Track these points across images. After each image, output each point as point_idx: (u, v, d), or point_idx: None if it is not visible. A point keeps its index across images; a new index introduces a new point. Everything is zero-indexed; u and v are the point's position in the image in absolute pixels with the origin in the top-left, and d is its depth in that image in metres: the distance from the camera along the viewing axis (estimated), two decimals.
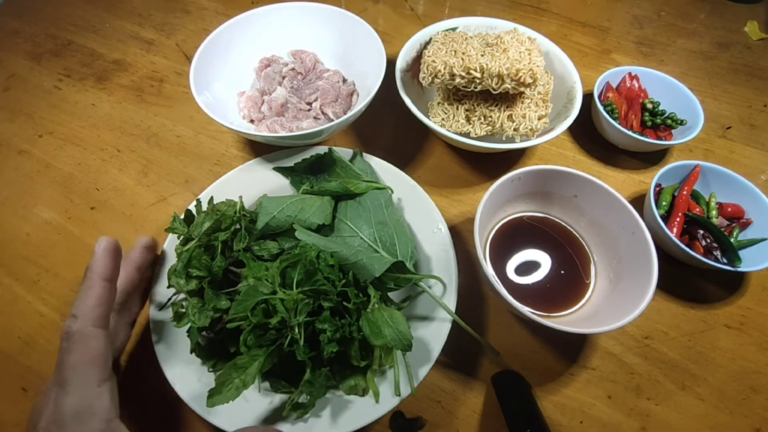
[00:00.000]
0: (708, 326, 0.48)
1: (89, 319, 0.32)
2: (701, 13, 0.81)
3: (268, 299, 0.35)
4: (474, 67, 0.49)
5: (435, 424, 0.42)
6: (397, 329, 0.36)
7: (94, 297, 0.32)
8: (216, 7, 0.80)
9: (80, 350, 0.31)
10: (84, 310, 0.32)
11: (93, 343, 0.31)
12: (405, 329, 0.36)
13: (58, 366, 0.31)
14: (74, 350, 0.31)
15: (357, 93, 0.62)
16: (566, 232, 0.50)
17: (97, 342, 0.32)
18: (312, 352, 0.36)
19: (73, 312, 0.32)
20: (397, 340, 0.36)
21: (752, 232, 0.50)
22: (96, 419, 0.29)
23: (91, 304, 0.32)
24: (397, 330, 0.36)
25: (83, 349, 0.31)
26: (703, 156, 0.61)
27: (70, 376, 0.30)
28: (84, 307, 0.32)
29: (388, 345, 0.36)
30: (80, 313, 0.32)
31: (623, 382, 0.45)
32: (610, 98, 0.61)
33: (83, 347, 0.31)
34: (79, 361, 0.31)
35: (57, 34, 0.75)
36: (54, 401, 0.30)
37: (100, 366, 0.31)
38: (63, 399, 0.29)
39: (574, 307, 0.45)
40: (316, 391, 0.35)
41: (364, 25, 0.59)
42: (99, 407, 0.30)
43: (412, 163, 0.59)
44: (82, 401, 0.30)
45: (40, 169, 0.59)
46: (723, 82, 0.69)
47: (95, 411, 0.30)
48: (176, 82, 0.68)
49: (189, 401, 0.37)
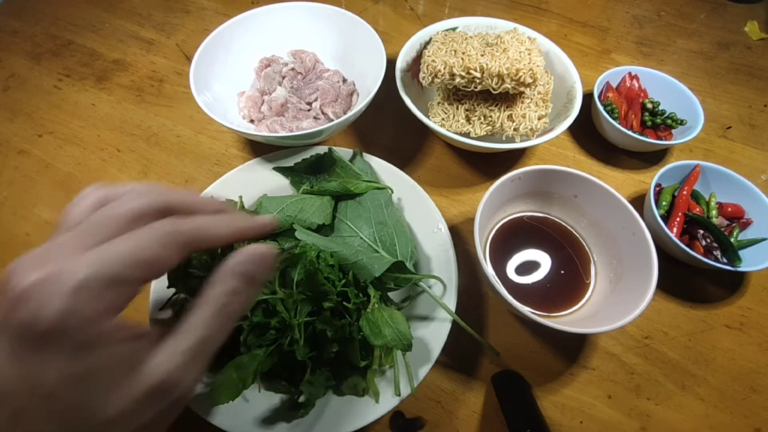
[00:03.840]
0: (708, 326, 0.48)
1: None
2: (701, 13, 0.81)
3: (269, 299, 0.35)
4: (474, 67, 0.49)
5: (435, 424, 0.42)
6: (396, 329, 0.36)
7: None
8: (216, 7, 0.80)
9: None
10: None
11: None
12: (405, 329, 0.36)
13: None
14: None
15: (357, 93, 0.62)
16: (566, 232, 0.50)
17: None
18: (312, 352, 0.36)
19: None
20: (397, 340, 0.36)
21: (752, 232, 0.50)
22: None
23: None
24: (397, 330, 0.36)
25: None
26: (703, 156, 0.61)
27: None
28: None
29: (388, 345, 0.36)
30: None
31: (623, 382, 0.45)
32: (610, 98, 0.61)
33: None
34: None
35: (57, 34, 0.75)
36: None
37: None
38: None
39: (574, 307, 0.45)
40: (316, 391, 0.35)
41: (364, 25, 0.59)
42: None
43: (412, 163, 0.59)
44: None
45: (40, 169, 0.59)
46: (723, 82, 0.69)
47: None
48: (176, 82, 0.68)
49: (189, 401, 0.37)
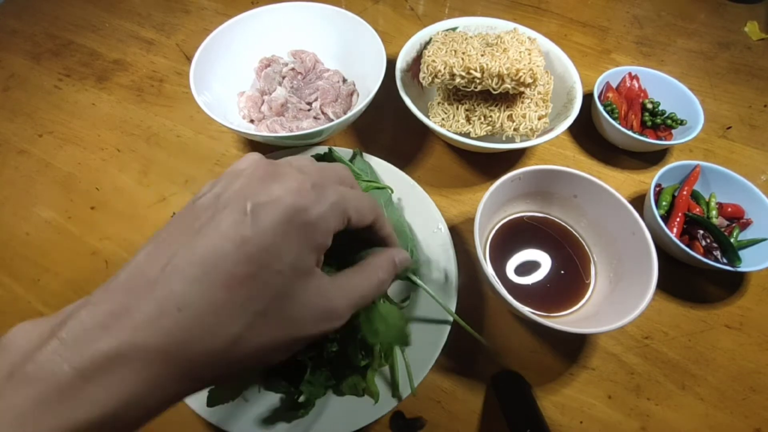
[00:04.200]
0: (708, 326, 0.48)
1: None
2: (701, 13, 0.81)
3: None
4: (474, 67, 0.49)
5: (435, 424, 0.42)
6: (393, 325, 0.36)
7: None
8: (216, 7, 0.80)
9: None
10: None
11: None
12: (402, 324, 0.36)
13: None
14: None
15: (357, 93, 0.62)
16: (566, 232, 0.50)
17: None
18: (312, 352, 0.36)
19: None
20: (394, 337, 0.36)
21: (752, 232, 0.50)
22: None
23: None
24: (393, 326, 0.36)
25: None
26: (703, 156, 0.61)
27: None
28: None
29: (385, 341, 0.35)
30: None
31: (623, 382, 0.45)
32: (610, 98, 0.61)
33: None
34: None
35: (57, 33, 0.75)
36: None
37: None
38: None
39: (574, 307, 0.45)
40: (316, 391, 0.35)
41: (364, 25, 0.59)
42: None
43: (412, 163, 0.59)
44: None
45: (40, 169, 0.59)
46: (723, 82, 0.69)
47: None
48: (176, 82, 0.68)
49: (189, 401, 0.37)
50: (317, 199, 0.22)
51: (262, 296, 0.20)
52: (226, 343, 0.19)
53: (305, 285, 0.22)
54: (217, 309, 0.19)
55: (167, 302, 0.18)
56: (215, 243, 0.19)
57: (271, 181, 0.22)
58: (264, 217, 0.20)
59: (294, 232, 0.21)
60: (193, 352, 0.18)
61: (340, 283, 0.24)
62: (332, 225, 0.23)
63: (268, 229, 0.20)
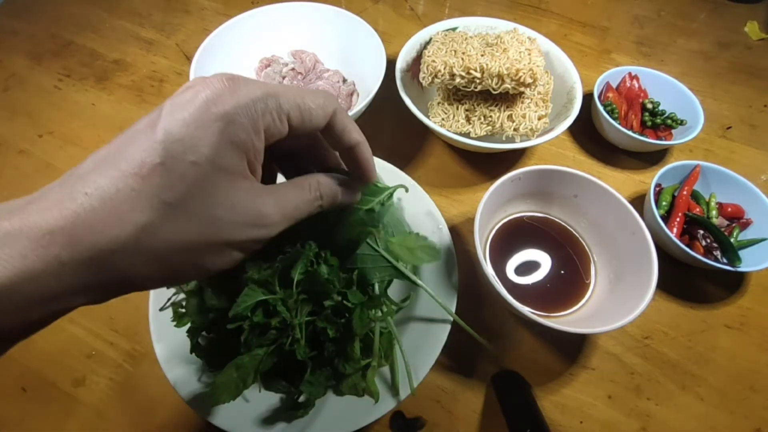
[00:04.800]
0: (708, 326, 0.48)
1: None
2: (701, 13, 0.81)
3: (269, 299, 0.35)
4: (474, 67, 0.49)
5: (435, 424, 0.42)
6: (416, 247, 0.38)
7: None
8: (216, 7, 0.80)
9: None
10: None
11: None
12: (424, 243, 0.38)
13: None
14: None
15: (357, 93, 0.62)
16: (566, 232, 0.50)
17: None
18: (313, 352, 0.36)
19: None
20: (423, 256, 0.37)
21: (752, 232, 0.50)
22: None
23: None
24: (417, 248, 0.38)
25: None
26: (703, 156, 0.61)
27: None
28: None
29: (419, 262, 0.37)
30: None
31: (623, 382, 0.45)
32: (610, 98, 0.61)
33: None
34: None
35: (57, 34, 0.75)
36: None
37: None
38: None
39: (574, 307, 0.45)
40: (316, 391, 0.35)
41: (364, 25, 0.59)
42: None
43: (412, 163, 0.59)
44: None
45: (40, 169, 0.59)
46: (723, 82, 0.69)
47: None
48: (176, 82, 0.68)
49: (189, 401, 0.37)
50: (234, 91, 0.21)
51: (174, 187, 0.20)
52: (137, 231, 0.19)
53: (231, 185, 0.21)
54: (126, 195, 0.19)
55: (76, 188, 0.19)
56: (129, 137, 0.20)
57: (193, 85, 0.21)
58: (178, 110, 0.20)
59: (208, 123, 0.20)
60: (99, 236, 0.18)
61: (273, 192, 0.24)
62: (259, 121, 0.22)
63: (180, 120, 0.20)
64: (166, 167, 0.19)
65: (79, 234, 0.18)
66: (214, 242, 0.22)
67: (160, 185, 0.19)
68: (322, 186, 0.27)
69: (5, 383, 0.45)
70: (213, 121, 0.20)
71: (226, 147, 0.21)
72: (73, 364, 0.45)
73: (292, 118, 0.23)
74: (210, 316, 0.37)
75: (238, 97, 0.21)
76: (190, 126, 0.20)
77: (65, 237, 0.18)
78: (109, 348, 0.46)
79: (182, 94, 0.21)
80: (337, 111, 0.25)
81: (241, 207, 0.22)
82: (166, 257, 0.20)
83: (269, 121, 0.22)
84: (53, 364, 0.45)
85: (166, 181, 0.19)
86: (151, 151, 0.19)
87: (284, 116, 0.23)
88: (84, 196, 0.18)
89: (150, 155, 0.19)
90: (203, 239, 0.21)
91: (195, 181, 0.20)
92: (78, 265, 0.18)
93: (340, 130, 0.26)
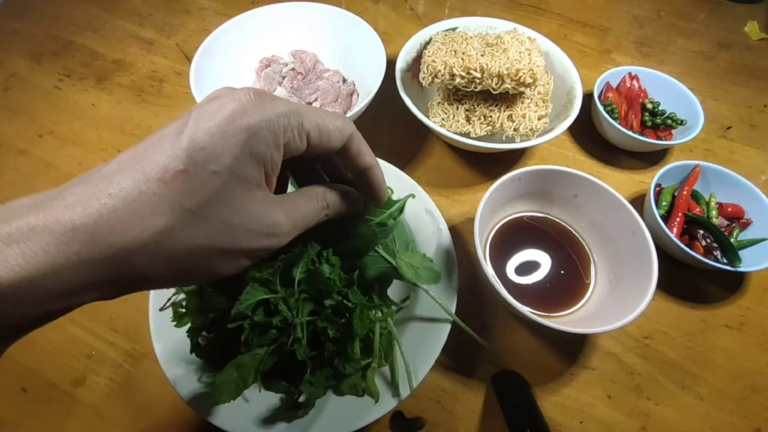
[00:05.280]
0: (708, 326, 0.48)
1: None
2: (701, 13, 0.81)
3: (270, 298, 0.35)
4: (474, 67, 0.49)
5: (435, 424, 0.42)
6: (421, 267, 0.39)
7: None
8: (216, 7, 0.80)
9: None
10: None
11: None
12: (428, 264, 0.39)
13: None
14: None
15: (357, 93, 0.62)
16: (566, 232, 0.50)
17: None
18: (313, 352, 0.36)
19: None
20: (426, 276, 0.38)
21: (752, 232, 0.50)
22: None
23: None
24: (422, 267, 0.38)
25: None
26: (703, 156, 0.61)
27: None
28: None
29: (421, 281, 0.38)
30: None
31: (623, 382, 0.45)
32: (610, 98, 0.61)
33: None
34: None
35: (57, 34, 0.75)
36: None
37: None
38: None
39: (574, 307, 0.45)
40: (316, 391, 0.35)
41: (364, 25, 0.59)
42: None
43: (412, 163, 0.59)
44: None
45: (40, 169, 0.59)
46: (723, 82, 0.69)
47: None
48: (176, 82, 0.68)
49: (189, 401, 0.37)
50: (259, 106, 0.22)
51: (196, 194, 0.20)
52: (157, 234, 0.20)
53: (246, 195, 0.22)
54: (148, 198, 0.19)
55: (100, 187, 0.19)
56: (154, 141, 0.21)
57: (221, 96, 0.22)
58: (204, 119, 0.21)
59: (232, 135, 0.21)
60: (119, 236, 0.19)
61: (285, 202, 0.25)
62: (280, 136, 0.22)
63: (206, 129, 0.20)
64: (189, 174, 0.20)
65: (101, 233, 0.19)
66: (228, 249, 0.22)
67: (181, 191, 0.20)
68: (329, 196, 0.28)
69: (5, 383, 0.45)
70: (237, 133, 0.21)
71: (247, 158, 0.22)
72: (73, 364, 0.45)
73: (311, 137, 0.24)
74: (210, 316, 0.37)
75: (263, 111, 0.22)
76: (214, 136, 0.20)
77: (87, 235, 0.18)
78: (109, 348, 0.46)
79: (210, 103, 0.22)
80: (354, 135, 0.26)
81: (256, 216, 0.23)
82: (181, 260, 0.21)
83: (289, 137, 0.23)
84: (53, 364, 0.45)
85: (188, 187, 0.20)
86: (175, 157, 0.20)
87: (304, 134, 0.24)
88: (108, 196, 0.19)
89: (174, 161, 0.20)
90: (218, 245, 0.22)
91: (215, 190, 0.21)
92: (96, 262, 0.19)
93: (355, 153, 0.27)
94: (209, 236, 0.21)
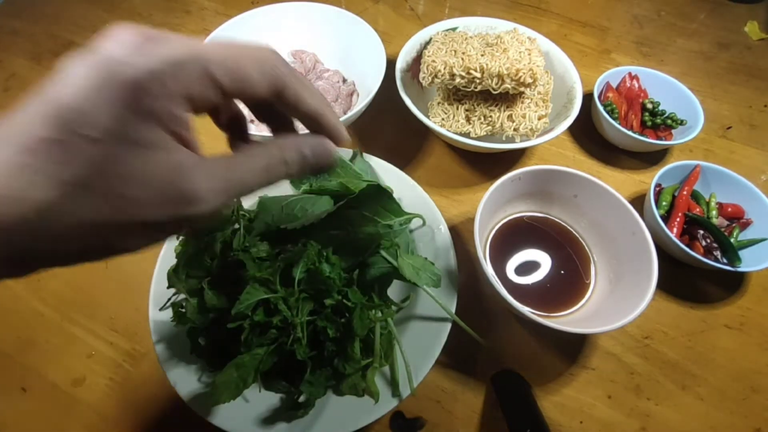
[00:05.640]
0: (708, 326, 0.48)
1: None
2: (701, 13, 0.81)
3: (270, 298, 0.35)
4: (474, 67, 0.49)
5: (435, 424, 0.42)
6: (421, 268, 0.39)
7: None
8: (216, 7, 0.80)
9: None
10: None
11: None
12: (429, 267, 0.40)
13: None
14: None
15: (357, 93, 0.62)
16: (566, 232, 0.50)
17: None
18: (313, 352, 0.36)
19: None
20: (426, 278, 0.39)
21: (752, 232, 0.50)
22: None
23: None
24: (422, 269, 0.39)
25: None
26: (703, 156, 0.61)
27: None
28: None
29: (420, 282, 0.39)
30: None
31: (623, 382, 0.45)
32: (610, 98, 0.61)
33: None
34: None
35: (57, 34, 0.75)
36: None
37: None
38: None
39: (574, 307, 0.45)
40: (316, 391, 0.35)
41: (364, 25, 0.59)
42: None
43: (412, 163, 0.59)
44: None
45: None
46: (723, 82, 0.69)
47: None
48: None
49: (189, 401, 0.37)
50: (147, 52, 0.18)
51: (74, 164, 0.17)
52: (37, 211, 0.17)
53: (141, 161, 0.19)
54: (21, 172, 0.17)
55: None
56: (25, 106, 0.18)
57: (103, 40, 0.18)
58: (74, 73, 0.18)
59: (112, 91, 0.17)
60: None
61: (206, 165, 0.21)
62: (176, 88, 0.19)
63: (78, 87, 0.17)
64: (63, 142, 0.17)
65: None
66: (127, 223, 0.19)
67: (58, 162, 0.17)
68: (289, 150, 0.23)
69: (5, 383, 0.45)
70: (116, 89, 0.18)
71: (134, 118, 0.18)
72: (73, 364, 0.45)
73: (224, 85, 0.20)
74: (210, 316, 0.37)
75: (150, 60, 0.18)
76: (89, 96, 0.17)
77: None
78: (109, 348, 0.46)
79: (86, 55, 0.18)
80: (286, 78, 0.22)
81: (157, 184, 0.19)
82: (74, 237, 0.19)
83: (192, 88, 0.19)
84: (53, 364, 0.45)
85: (65, 158, 0.17)
86: (45, 123, 0.17)
87: (212, 83, 0.20)
88: None
89: (44, 129, 0.17)
90: (113, 220, 0.19)
91: (96, 158, 0.18)
92: None
93: (292, 101, 0.23)
94: (100, 211, 0.18)
